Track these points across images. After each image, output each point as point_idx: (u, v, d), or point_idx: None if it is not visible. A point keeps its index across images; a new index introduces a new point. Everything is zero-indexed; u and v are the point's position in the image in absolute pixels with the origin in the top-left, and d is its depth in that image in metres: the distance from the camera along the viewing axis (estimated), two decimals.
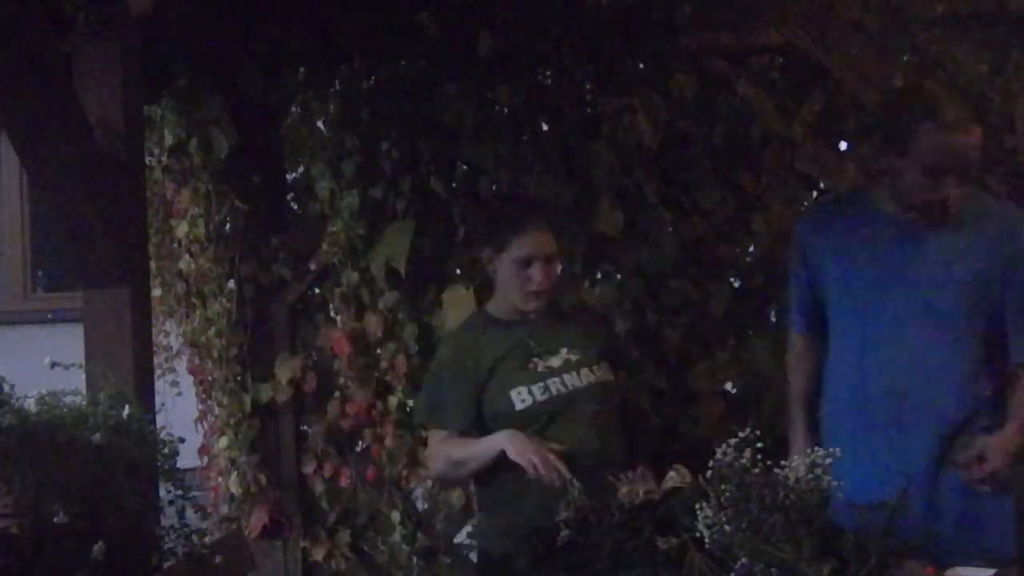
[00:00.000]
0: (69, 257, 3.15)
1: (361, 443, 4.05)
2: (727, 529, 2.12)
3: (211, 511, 3.87)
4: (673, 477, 2.47)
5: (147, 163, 3.87)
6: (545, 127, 3.87)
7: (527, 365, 2.98)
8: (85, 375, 2.86)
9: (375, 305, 3.95)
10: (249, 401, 4.06)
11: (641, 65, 3.85)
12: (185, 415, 3.98)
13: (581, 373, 2.99)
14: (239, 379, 4.07)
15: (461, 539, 3.98)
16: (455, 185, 3.91)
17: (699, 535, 2.17)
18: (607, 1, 3.78)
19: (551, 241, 3.02)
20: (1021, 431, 2.73)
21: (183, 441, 2.81)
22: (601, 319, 3.45)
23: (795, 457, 2.21)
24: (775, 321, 3.76)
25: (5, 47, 2.69)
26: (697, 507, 2.17)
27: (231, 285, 4.05)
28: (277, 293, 4.11)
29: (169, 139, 4.02)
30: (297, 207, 4.20)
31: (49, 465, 2.46)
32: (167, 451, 2.73)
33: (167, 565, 2.65)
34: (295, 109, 4.13)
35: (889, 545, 2.16)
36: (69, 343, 3.19)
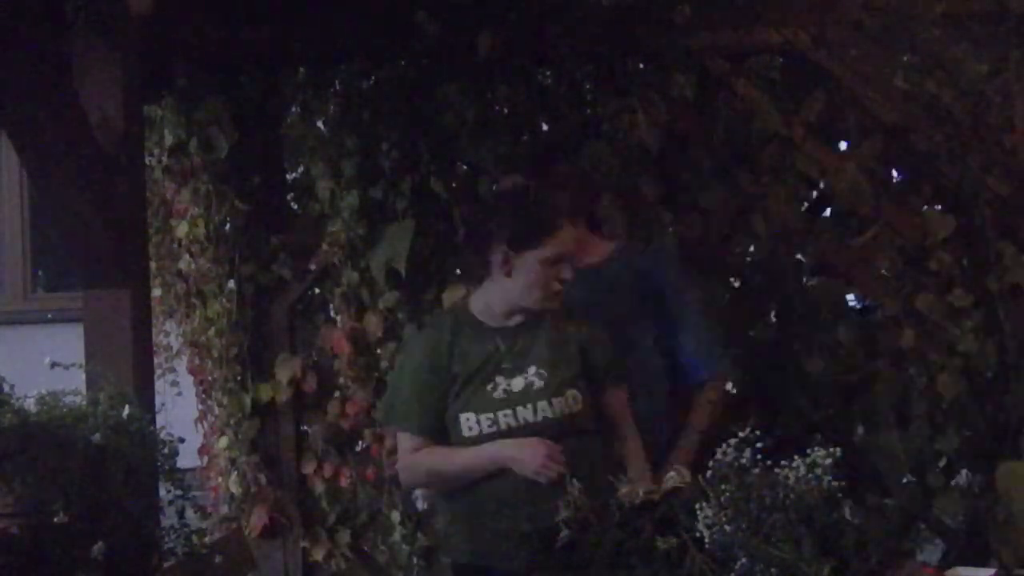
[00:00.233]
0: (69, 257, 3.15)
1: (361, 443, 4.05)
2: (727, 529, 2.12)
3: (211, 511, 3.88)
4: (673, 477, 2.47)
5: (147, 163, 3.88)
6: (545, 127, 3.87)
7: (486, 386, 2.79)
8: (85, 375, 2.86)
9: (375, 305, 3.95)
10: (249, 401, 4.06)
11: (641, 65, 3.85)
12: (185, 415, 3.99)
13: (538, 406, 2.77)
14: (239, 379, 4.07)
15: None
16: (455, 185, 3.91)
17: (699, 535, 2.17)
18: (607, 1, 3.78)
19: (581, 235, 2.92)
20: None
21: (183, 441, 2.81)
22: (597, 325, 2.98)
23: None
24: (775, 321, 3.76)
25: (5, 47, 2.69)
26: (697, 507, 2.17)
27: (231, 285, 4.04)
28: (277, 293, 4.10)
29: (169, 139, 4.02)
30: (297, 207, 4.20)
31: (49, 465, 2.46)
32: (167, 451, 2.74)
33: (167, 565, 2.66)
34: (295, 109, 4.13)
35: (889, 545, 2.16)
36: (69, 343, 3.19)
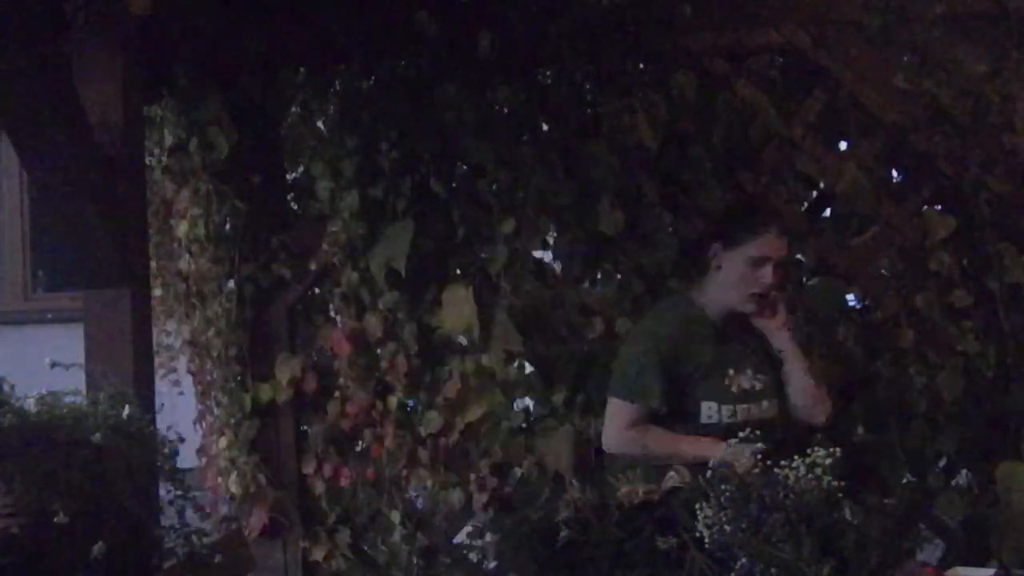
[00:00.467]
0: (69, 257, 3.16)
1: (361, 443, 4.05)
2: (727, 529, 2.12)
3: (211, 511, 3.88)
4: (673, 477, 2.47)
5: (147, 163, 3.87)
6: (545, 127, 3.87)
7: (723, 379, 3.06)
8: (85, 375, 2.86)
9: (375, 305, 3.95)
10: (249, 401, 4.06)
11: (641, 65, 3.85)
12: (185, 415, 3.98)
13: (762, 406, 3.08)
14: (239, 379, 4.07)
15: (461, 539, 3.98)
16: (455, 185, 3.91)
17: (699, 535, 2.17)
18: (607, 1, 3.78)
19: (785, 247, 3.13)
20: None
21: (183, 441, 2.81)
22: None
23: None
24: None
25: (5, 47, 2.69)
26: (697, 507, 2.17)
27: (231, 285, 4.04)
28: (277, 293, 4.10)
29: (169, 139, 4.02)
30: (297, 207, 4.19)
31: (49, 465, 2.46)
32: (167, 451, 2.74)
33: (167, 565, 2.66)
34: (295, 109, 4.12)
35: (889, 545, 2.16)
36: (69, 343, 3.20)
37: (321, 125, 4.06)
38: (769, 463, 2.28)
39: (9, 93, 2.80)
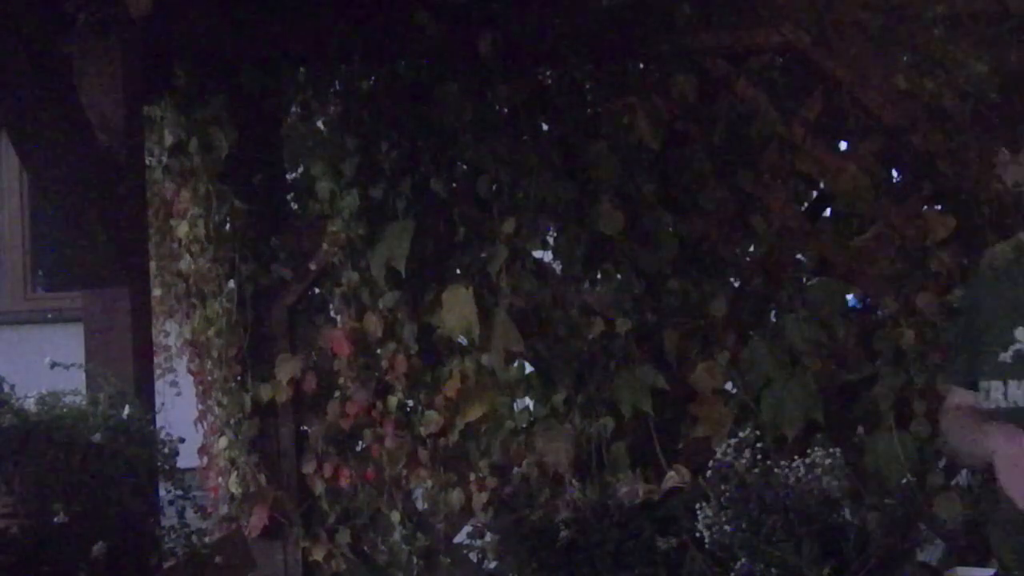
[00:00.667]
0: (69, 257, 3.15)
1: (361, 443, 4.05)
2: (727, 529, 2.12)
3: (211, 511, 3.87)
4: (673, 477, 2.47)
5: (147, 163, 3.87)
6: (545, 127, 3.87)
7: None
8: (85, 375, 2.86)
9: (375, 305, 3.95)
10: (249, 401, 4.06)
11: (641, 65, 3.85)
12: (185, 415, 3.98)
13: None
14: (239, 379, 4.07)
15: (461, 539, 3.98)
16: (455, 185, 3.91)
17: (699, 535, 2.17)
18: (607, 1, 3.78)
19: None
20: None
21: (183, 441, 2.81)
22: None
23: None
24: (775, 321, 3.76)
25: (5, 47, 2.69)
26: (697, 507, 2.17)
27: (231, 285, 4.04)
28: (277, 293, 4.10)
29: (169, 139, 4.01)
30: (297, 207, 4.20)
31: (49, 465, 2.46)
32: (167, 451, 2.74)
33: (167, 565, 2.66)
34: (295, 109, 4.13)
35: (889, 545, 2.16)
36: (69, 343, 3.20)
37: (321, 125, 4.06)
38: None
39: (9, 93, 2.80)
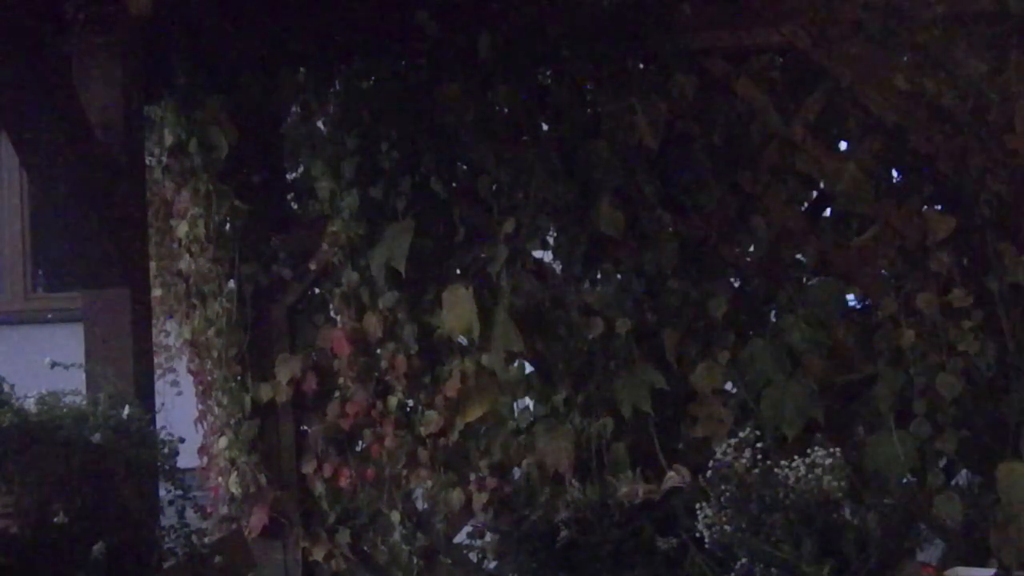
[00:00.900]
0: (69, 257, 3.16)
1: (361, 443, 4.05)
2: (727, 529, 2.12)
3: (211, 511, 3.87)
4: (673, 477, 2.47)
5: (147, 163, 3.87)
6: (545, 127, 3.87)
7: None
8: (85, 375, 2.87)
9: (375, 305, 3.95)
10: (249, 401, 4.06)
11: (641, 65, 3.85)
12: (185, 415, 3.98)
13: None
14: (239, 379, 4.07)
15: (461, 539, 3.98)
16: (455, 185, 3.91)
17: (699, 535, 2.17)
18: (607, 1, 3.78)
19: None
20: None
21: (183, 441, 2.81)
22: None
23: None
24: (775, 321, 3.76)
25: (5, 47, 2.69)
26: (697, 507, 2.17)
27: (231, 285, 4.04)
28: (277, 293, 4.10)
29: (169, 139, 4.02)
30: (297, 207, 4.20)
31: (49, 465, 2.46)
32: (167, 451, 2.74)
33: (167, 565, 2.66)
34: (295, 109, 4.13)
35: (889, 545, 2.16)
36: (69, 343, 3.20)
37: (321, 125, 4.06)
38: None
39: (9, 93, 2.80)
